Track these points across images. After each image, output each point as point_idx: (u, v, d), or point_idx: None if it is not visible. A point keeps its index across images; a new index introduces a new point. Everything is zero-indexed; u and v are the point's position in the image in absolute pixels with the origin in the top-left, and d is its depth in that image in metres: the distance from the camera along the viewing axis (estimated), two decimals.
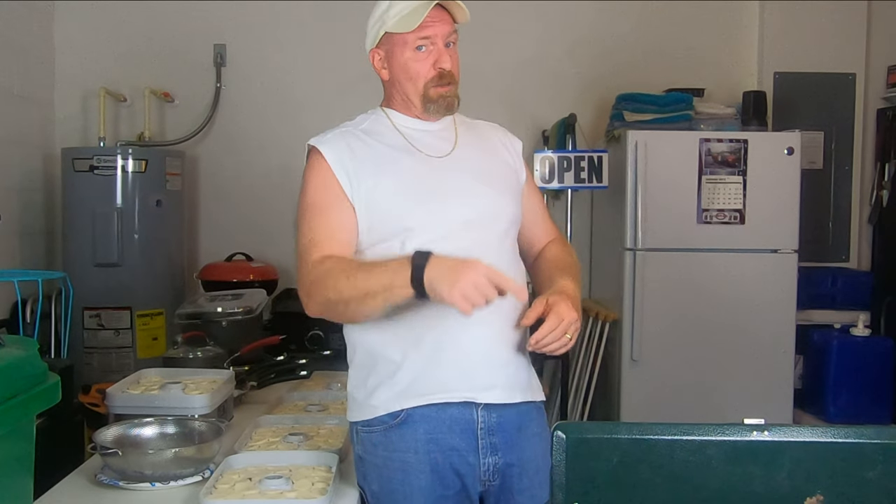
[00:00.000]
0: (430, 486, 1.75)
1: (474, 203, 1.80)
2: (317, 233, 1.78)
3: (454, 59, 1.81)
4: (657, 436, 1.14)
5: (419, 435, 1.75)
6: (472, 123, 1.96)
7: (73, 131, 4.00)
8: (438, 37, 1.78)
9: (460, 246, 1.68)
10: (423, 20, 1.75)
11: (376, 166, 1.79)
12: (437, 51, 1.79)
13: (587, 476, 1.13)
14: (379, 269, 1.63)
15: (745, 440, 1.12)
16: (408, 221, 1.76)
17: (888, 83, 4.11)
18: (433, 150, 1.83)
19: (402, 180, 1.79)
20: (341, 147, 1.80)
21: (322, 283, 1.68)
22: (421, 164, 1.81)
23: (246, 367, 2.56)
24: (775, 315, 3.66)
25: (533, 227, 1.97)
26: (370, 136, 1.85)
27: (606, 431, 1.16)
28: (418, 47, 1.78)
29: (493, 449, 1.78)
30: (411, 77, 1.81)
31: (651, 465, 1.13)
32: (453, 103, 1.82)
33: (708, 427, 1.13)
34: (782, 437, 1.12)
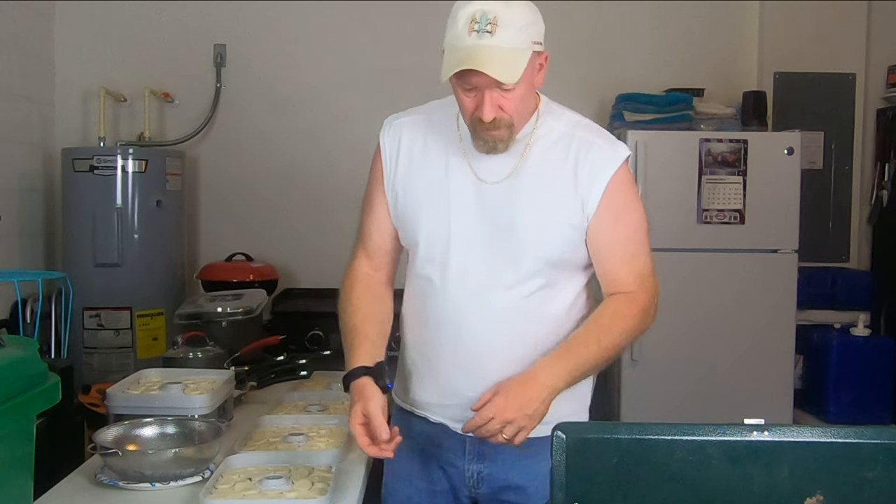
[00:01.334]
0: (416, 473, 1.82)
1: (501, 246, 1.69)
2: (363, 231, 1.87)
3: (509, 103, 1.60)
4: (657, 436, 1.14)
5: (414, 426, 1.81)
6: (561, 135, 1.71)
7: (73, 131, 4.00)
8: (484, 85, 1.57)
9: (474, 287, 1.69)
10: (468, 72, 1.55)
11: (417, 169, 1.75)
12: (480, 97, 1.60)
13: (587, 476, 1.13)
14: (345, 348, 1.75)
15: (745, 440, 1.12)
16: (419, 243, 1.75)
17: (888, 83, 4.11)
18: (486, 173, 1.69)
19: (429, 197, 1.72)
20: (395, 138, 1.79)
21: (339, 300, 1.82)
22: (463, 186, 1.70)
23: (246, 367, 2.56)
24: (775, 315, 3.66)
25: (600, 270, 1.74)
26: (435, 131, 1.76)
27: (606, 431, 1.16)
28: (465, 88, 1.61)
29: (480, 457, 1.76)
30: (461, 108, 1.67)
31: (651, 465, 1.13)
32: (494, 147, 1.64)
33: (708, 427, 1.13)
34: (782, 437, 1.12)
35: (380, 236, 1.83)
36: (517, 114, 1.63)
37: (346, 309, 1.79)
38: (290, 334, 3.17)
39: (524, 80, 1.59)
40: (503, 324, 1.70)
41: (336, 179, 4.09)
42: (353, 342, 1.73)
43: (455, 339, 1.72)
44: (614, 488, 1.13)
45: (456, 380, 1.72)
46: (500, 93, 1.58)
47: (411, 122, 1.80)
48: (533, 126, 1.70)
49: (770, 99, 3.99)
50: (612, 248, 1.72)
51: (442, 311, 1.73)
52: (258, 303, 3.02)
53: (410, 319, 1.82)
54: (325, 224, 4.09)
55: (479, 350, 1.70)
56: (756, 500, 1.12)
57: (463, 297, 1.70)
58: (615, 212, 1.70)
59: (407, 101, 3.84)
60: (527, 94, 1.64)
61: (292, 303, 3.87)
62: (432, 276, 1.73)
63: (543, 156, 1.70)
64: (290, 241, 4.08)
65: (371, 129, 4.57)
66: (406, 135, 1.78)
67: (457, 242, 1.71)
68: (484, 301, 1.69)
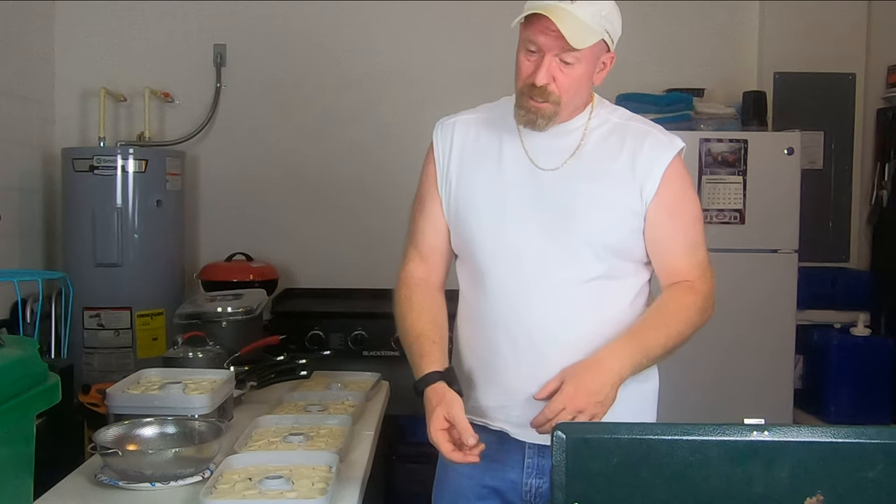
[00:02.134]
0: (464, 492, 1.77)
1: (561, 238, 1.66)
2: (415, 232, 1.82)
3: (565, 77, 1.61)
4: (657, 436, 1.14)
5: None
6: (616, 125, 1.73)
7: (73, 131, 4.00)
8: (548, 48, 1.58)
9: (535, 282, 1.66)
10: (539, 26, 1.57)
11: (471, 167, 1.74)
12: (540, 61, 1.60)
13: (587, 476, 1.13)
14: (412, 355, 1.71)
15: (745, 440, 1.12)
16: (474, 237, 1.72)
17: (888, 83, 4.11)
18: (543, 160, 1.69)
19: (485, 191, 1.71)
20: (448, 137, 1.78)
21: (395, 307, 1.80)
22: (518, 175, 1.70)
23: (246, 367, 2.56)
24: (775, 315, 3.66)
25: (659, 260, 1.72)
26: (489, 127, 1.76)
27: (606, 431, 1.16)
28: (529, 49, 1.62)
29: (540, 472, 1.72)
30: (516, 75, 1.67)
31: (651, 465, 1.13)
32: (534, 120, 1.64)
33: (708, 427, 1.13)
34: (782, 437, 1.12)
35: (434, 236, 1.79)
36: (567, 94, 1.63)
37: (408, 315, 1.75)
38: (290, 334, 3.17)
39: (585, 60, 1.61)
40: (564, 313, 1.66)
41: (336, 179, 4.09)
42: (423, 348, 1.69)
43: (515, 333, 1.68)
44: (614, 488, 1.13)
45: (517, 378, 1.68)
46: (559, 64, 1.59)
47: (464, 120, 1.79)
48: (588, 116, 1.71)
49: (770, 99, 3.98)
50: (672, 239, 1.71)
51: (498, 305, 1.69)
52: (258, 303, 3.02)
53: (465, 322, 1.79)
54: (325, 224, 4.09)
55: (540, 342, 1.66)
56: (756, 500, 1.12)
57: (521, 286, 1.67)
58: (673, 201, 1.70)
59: (407, 101, 3.86)
60: (583, 79, 1.63)
61: (292, 303, 3.87)
62: (487, 269, 1.70)
63: (600, 144, 1.70)
64: (290, 241, 4.08)
65: (371, 129, 4.59)
66: (459, 132, 1.77)
67: (513, 230, 1.68)
68: (542, 290, 1.66)
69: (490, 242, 1.70)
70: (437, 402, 1.59)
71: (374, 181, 4.03)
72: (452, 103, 1.92)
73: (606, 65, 1.67)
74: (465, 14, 3.99)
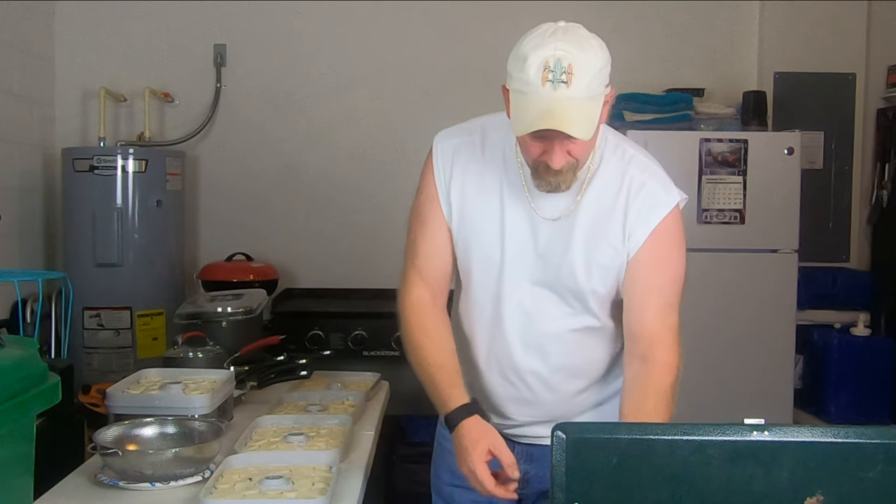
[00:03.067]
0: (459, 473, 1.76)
1: (555, 284, 1.71)
2: (418, 254, 1.77)
3: (577, 147, 1.57)
4: (657, 436, 1.14)
5: None
6: (615, 173, 1.71)
7: (73, 131, 4.00)
8: (556, 135, 1.52)
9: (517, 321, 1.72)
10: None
11: (473, 199, 1.72)
12: (549, 145, 1.56)
13: (587, 476, 1.13)
14: (435, 385, 1.69)
15: (745, 440, 1.12)
16: (472, 271, 1.76)
17: (888, 83, 4.11)
18: (546, 209, 1.68)
19: (485, 231, 1.71)
20: (448, 161, 1.73)
21: (407, 330, 1.77)
22: (520, 219, 1.69)
23: (246, 367, 2.56)
24: (775, 315, 3.66)
25: (630, 316, 1.70)
26: (490, 159, 1.72)
27: (606, 431, 1.16)
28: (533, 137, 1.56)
29: (528, 457, 1.79)
30: (524, 150, 1.63)
31: (651, 465, 1.13)
32: (559, 187, 1.61)
33: (708, 427, 1.13)
34: (782, 437, 1.12)
35: (438, 258, 1.77)
36: (584, 156, 1.63)
37: (425, 343, 1.73)
38: (290, 334, 3.17)
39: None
40: (554, 357, 1.75)
41: (336, 179, 4.09)
42: (448, 379, 1.68)
43: (505, 370, 1.77)
44: (614, 488, 1.13)
45: (506, 407, 1.79)
46: (570, 140, 1.54)
47: (466, 143, 1.75)
48: (590, 164, 1.69)
49: (770, 99, 3.98)
50: (646, 296, 1.69)
51: (492, 340, 1.76)
52: (258, 303, 3.02)
53: (461, 344, 1.79)
54: (325, 224, 4.09)
55: (529, 380, 1.76)
56: (756, 500, 1.12)
57: (514, 329, 1.73)
58: (656, 259, 1.69)
59: (407, 101, 3.86)
60: (594, 137, 1.60)
61: (292, 303, 3.87)
62: (484, 305, 1.75)
63: (598, 195, 1.69)
64: (290, 241, 4.08)
65: (371, 129, 4.59)
66: (461, 158, 1.73)
67: (510, 276, 1.71)
68: (535, 335, 1.73)
69: (487, 281, 1.74)
70: (481, 436, 1.59)
71: (374, 181, 4.03)
72: (453, 103, 1.93)
73: (608, 101, 1.62)
74: (465, 14, 3.98)
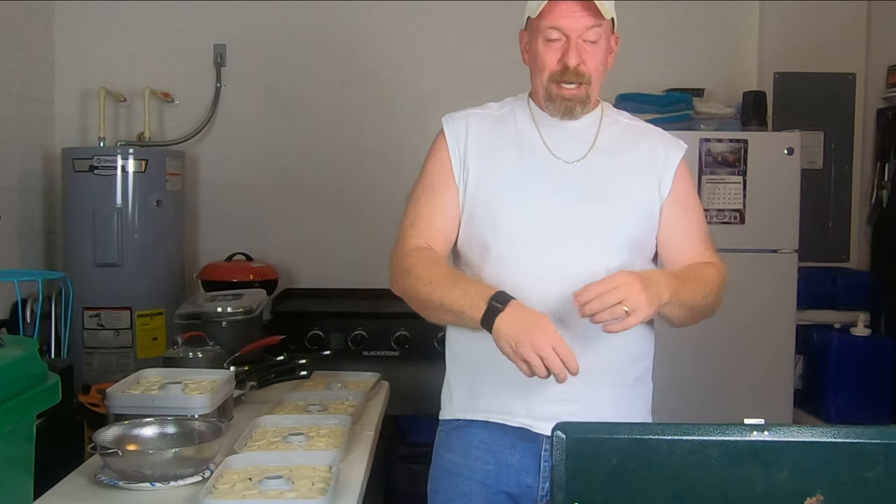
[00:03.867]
0: (475, 496, 1.73)
1: (589, 229, 1.67)
2: (419, 214, 1.74)
3: (592, 57, 1.65)
4: (657, 436, 1.14)
5: (473, 441, 1.73)
6: (627, 125, 1.79)
7: (73, 131, 4.00)
8: (573, 29, 1.63)
9: (561, 272, 1.63)
10: (556, 8, 1.62)
11: (491, 155, 1.73)
12: (567, 45, 1.64)
13: (587, 476, 1.13)
14: (458, 290, 1.58)
15: (745, 440, 1.12)
16: (497, 223, 1.69)
17: (888, 83, 4.10)
18: (564, 152, 1.71)
19: (509, 177, 1.70)
20: (462, 127, 1.75)
21: (406, 275, 1.66)
22: (541, 165, 1.70)
23: (246, 367, 2.56)
24: (775, 315, 3.66)
25: (674, 251, 1.75)
26: (502, 123, 1.76)
27: (606, 431, 1.16)
28: (549, 38, 1.65)
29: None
30: (539, 68, 1.69)
31: (651, 465, 1.13)
32: (572, 108, 1.67)
33: (708, 427, 1.13)
34: (782, 437, 1.12)
35: (442, 221, 1.73)
36: (597, 73, 1.67)
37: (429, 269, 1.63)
38: (290, 334, 3.17)
39: (605, 36, 1.67)
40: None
41: (336, 179, 4.09)
42: (469, 280, 1.62)
43: None
44: (614, 488, 1.13)
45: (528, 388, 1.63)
46: (584, 44, 1.63)
47: (476, 112, 1.79)
48: (600, 112, 1.76)
49: (770, 99, 3.98)
50: (691, 231, 1.77)
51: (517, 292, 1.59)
52: (258, 303, 3.02)
53: None
54: (325, 224, 4.09)
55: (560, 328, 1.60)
56: (756, 500, 1.12)
57: (541, 274, 1.65)
58: (687, 196, 1.76)
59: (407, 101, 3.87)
60: (604, 59, 1.68)
61: (292, 303, 3.88)
62: (506, 255, 1.68)
63: (616, 139, 1.74)
64: (290, 241, 4.08)
65: (371, 129, 4.59)
66: (473, 123, 1.76)
67: (538, 218, 1.68)
68: (562, 280, 1.62)
69: (514, 228, 1.68)
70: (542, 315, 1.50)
71: (374, 181, 4.02)
72: (453, 104, 1.92)
73: (614, 48, 1.73)
74: (466, 15, 3.99)
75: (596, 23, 1.63)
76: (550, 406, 1.63)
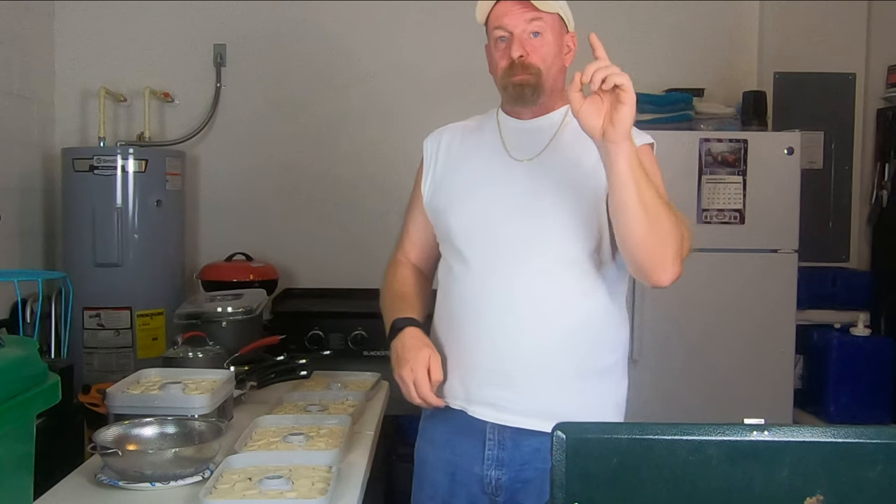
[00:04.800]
0: (440, 483, 1.83)
1: (531, 221, 1.72)
2: (403, 230, 1.97)
3: (537, 49, 1.71)
4: (657, 436, 1.13)
5: (439, 432, 1.84)
6: None
7: (73, 131, 4.00)
8: (514, 25, 1.71)
9: (500, 261, 1.71)
10: (497, 10, 1.72)
11: (454, 163, 1.84)
12: (510, 41, 1.72)
13: (587, 476, 1.13)
14: (387, 312, 1.83)
15: (745, 440, 1.12)
16: (447, 222, 1.79)
17: (888, 83, 4.10)
18: (520, 152, 1.77)
19: (460, 180, 1.79)
20: (436, 143, 1.89)
21: (384, 280, 1.93)
22: (493, 165, 1.77)
23: (246, 367, 2.56)
24: (775, 315, 3.66)
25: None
26: (472, 132, 1.87)
27: (606, 431, 1.16)
28: (499, 38, 1.74)
29: (499, 463, 1.75)
30: (494, 68, 1.78)
31: (651, 465, 1.13)
32: (522, 94, 1.72)
33: (708, 427, 1.13)
34: (782, 437, 1.12)
35: (416, 232, 1.92)
36: (545, 63, 1.72)
37: (392, 283, 1.88)
38: (290, 334, 3.17)
39: (550, 30, 1.72)
40: (529, 300, 1.70)
41: (336, 179, 4.09)
42: (403, 302, 1.82)
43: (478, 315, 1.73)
44: (614, 488, 1.13)
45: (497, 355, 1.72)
46: (529, 39, 1.70)
47: (452, 127, 1.91)
48: (565, 114, 1.77)
49: (770, 99, 3.98)
50: None
51: (465, 291, 1.75)
52: (258, 303, 3.02)
53: (441, 313, 1.84)
54: (325, 224, 4.10)
55: (507, 325, 1.71)
56: (756, 500, 1.12)
57: (492, 272, 1.72)
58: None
59: (407, 101, 3.86)
60: (553, 51, 1.73)
61: (292, 303, 3.88)
62: (464, 254, 1.76)
63: (576, 134, 1.68)
64: (290, 241, 4.08)
65: (370, 129, 4.59)
66: (445, 138, 1.88)
67: (488, 218, 1.74)
68: (505, 265, 1.71)
69: (464, 228, 1.76)
70: (424, 345, 1.72)
71: (374, 181, 4.03)
72: (452, 104, 1.95)
73: (571, 47, 1.78)
74: (465, 14, 3.97)
75: (535, 16, 1.69)
76: (485, 390, 1.72)
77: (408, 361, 1.70)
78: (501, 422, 1.73)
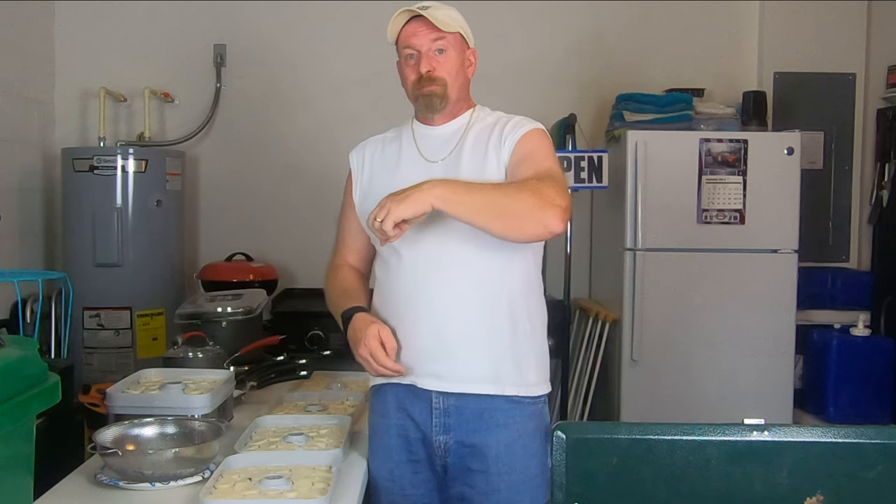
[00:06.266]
0: (395, 448, 1.95)
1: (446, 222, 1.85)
2: (338, 235, 2.16)
3: (442, 65, 1.93)
4: (657, 436, 1.14)
5: (389, 402, 1.97)
6: (493, 121, 1.99)
7: (73, 131, 4.00)
8: (420, 45, 1.92)
9: (427, 251, 1.89)
10: (405, 31, 1.93)
11: (377, 170, 2.04)
12: (419, 58, 1.93)
13: (587, 476, 1.13)
14: (334, 308, 2.01)
15: (745, 440, 1.12)
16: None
17: (888, 83, 4.11)
18: (432, 155, 1.98)
19: (383, 183, 1.94)
20: (360, 156, 2.10)
21: (326, 281, 2.13)
22: (411, 168, 1.95)
23: (246, 367, 2.56)
24: (775, 315, 3.66)
25: None
26: (391, 142, 2.07)
27: (606, 431, 1.16)
28: (408, 56, 1.95)
29: (446, 428, 1.90)
30: (405, 84, 1.99)
31: (651, 465, 1.13)
32: (431, 102, 1.94)
33: (708, 427, 1.13)
34: (782, 437, 1.12)
35: (350, 236, 2.10)
36: (450, 75, 1.94)
37: (335, 283, 2.06)
38: (290, 334, 3.17)
39: (453, 47, 1.94)
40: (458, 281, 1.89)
41: (336, 179, 4.06)
42: (348, 296, 1.98)
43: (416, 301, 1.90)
44: (614, 488, 1.13)
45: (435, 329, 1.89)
46: (435, 56, 1.92)
47: (373, 139, 2.13)
48: (470, 116, 2.00)
49: (770, 99, 3.99)
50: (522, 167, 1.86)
51: (401, 281, 1.93)
52: (258, 303, 3.02)
53: (381, 303, 1.99)
54: (325, 224, 4.06)
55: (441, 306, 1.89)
56: (756, 500, 1.12)
57: (424, 261, 1.90)
58: (533, 152, 1.89)
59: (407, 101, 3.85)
60: (457, 66, 1.95)
61: (292, 303, 3.87)
62: (397, 249, 1.92)
63: (480, 135, 1.96)
64: (290, 241, 4.08)
65: (371, 129, 4.56)
66: (368, 150, 2.10)
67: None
68: (437, 261, 1.89)
69: None
70: (372, 322, 1.88)
71: None
72: None
73: (473, 61, 2.01)
74: (464, 14, 3.98)
75: (439, 35, 1.91)
76: (429, 364, 1.89)
77: (360, 340, 1.85)
78: (446, 389, 1.89)
